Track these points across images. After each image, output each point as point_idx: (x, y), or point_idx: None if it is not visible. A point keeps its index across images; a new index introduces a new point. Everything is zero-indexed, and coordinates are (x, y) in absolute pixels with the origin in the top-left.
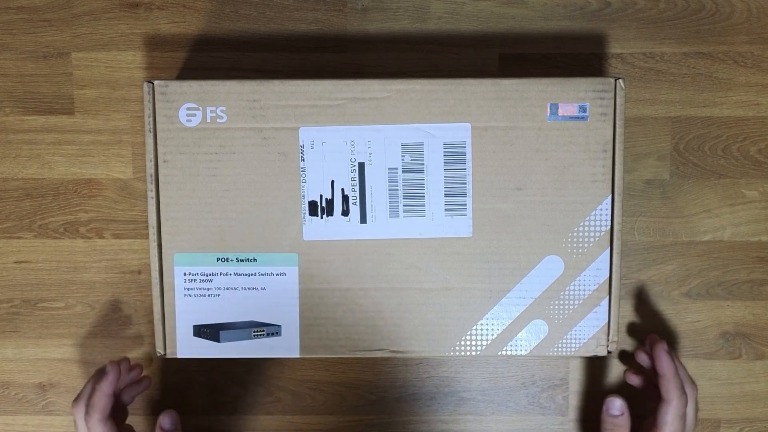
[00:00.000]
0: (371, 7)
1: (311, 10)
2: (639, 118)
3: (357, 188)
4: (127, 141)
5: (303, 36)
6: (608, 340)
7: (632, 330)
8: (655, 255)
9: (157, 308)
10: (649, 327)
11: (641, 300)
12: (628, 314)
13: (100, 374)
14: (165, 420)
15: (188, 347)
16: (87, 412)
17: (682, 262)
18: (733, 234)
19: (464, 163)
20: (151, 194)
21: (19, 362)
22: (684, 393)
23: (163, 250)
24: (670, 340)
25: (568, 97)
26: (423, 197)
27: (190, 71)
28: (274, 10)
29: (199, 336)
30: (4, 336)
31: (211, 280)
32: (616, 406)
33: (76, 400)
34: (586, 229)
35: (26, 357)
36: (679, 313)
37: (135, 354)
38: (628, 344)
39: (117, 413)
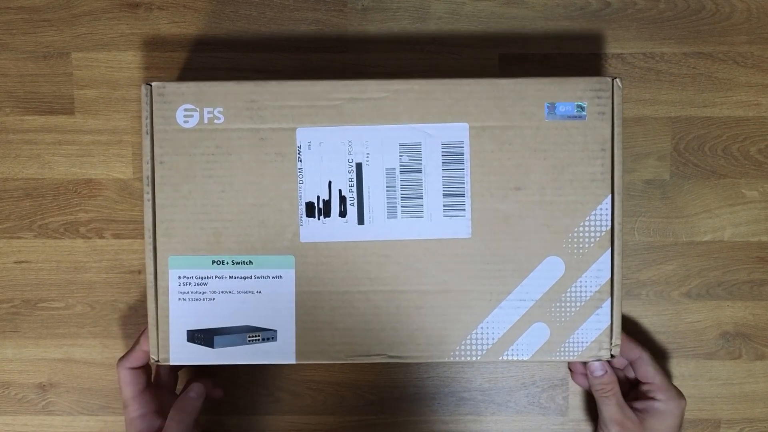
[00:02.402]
0: (371, 7)
1: (311, 10)
2: (639, 118)
3: (354, 189)
4: (127, 141)
5: (303, 36)
6: (611, 343)
7: (632, 330)
8: (655, 255)
9: (151, 313)
10: (649, 327)
11: (641, 300)
12: (628, 314)
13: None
14: (193, 388)
15: (182, 353)
16: (121, 358)
17: (682, 262)
18: (733, 234)
19: (462, 163)
20: (148, 196)
21: (19, 362)
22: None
23: (158, 253)
24: (670, 340)
25: (566, 96)
26: (421, 198)
27: (191, 71)
28: (274, 10)
29: (193, 341)
30: (4, 336)
31: (206, 284)
32: (598, 368)
33: None
34: (587, 229)
35: (26, 357)
36: (679, 313)
37: (135, 354)
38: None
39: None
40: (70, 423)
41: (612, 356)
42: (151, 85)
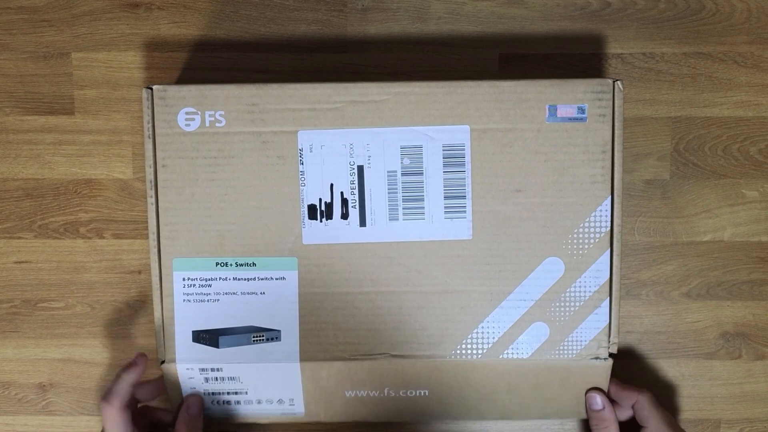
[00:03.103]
0: (371, 8)
1: (311, 10)
2: (639, 118)
3: (356, 191)
4: (127, 141)
5: (303, 36)
6: (609, 341)
7: (632, 330)
8: (655, 255)
9: (157, 314)
10: (649, 327)
11: (641, 300)
12: (629, 314)
13: (124, 366)
14: (191, 403)
15: (187, 353)
16: (106, 399)
17: (682, 262)
18: (733, 234)
19: (463, 165)
20: (151, 200)
21: (19, 362)
22: (642, 388)
23: (162, 255)
24: (670, 340)
25: (567, 98)
26: (422, 200)
27: (191, 71)
28: (274, 10)
29: (199, 341)
30: (4, 336)
31: (210, 285)
32: (597, 401)
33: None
34: (586, 230)
35: (26, 357)
36: (679, 313)
37: (121, 391)
38: (625, 345)
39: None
40: (70, 423)
41: (610, 355)
42: (152, 89)
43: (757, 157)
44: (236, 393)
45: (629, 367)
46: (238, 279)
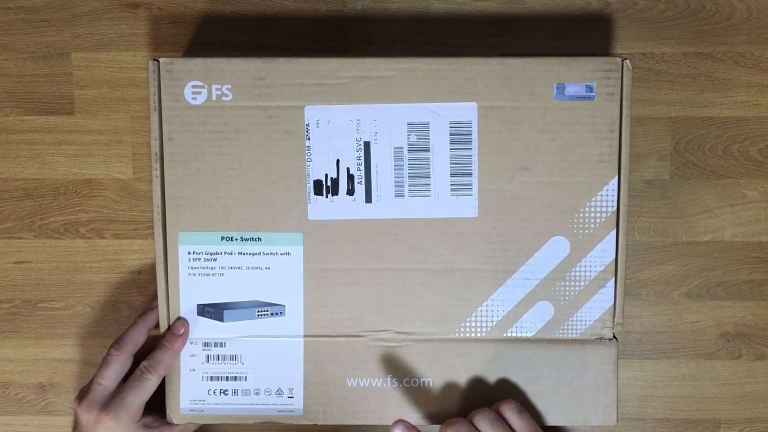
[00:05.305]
0: (371, 8)
1: (311, 10)
2: (639, 118)
3: (362, 167)
4: (127, 141)
5: (302, 36)
6: (614, 322)
7: (632, 330)
8: (655, 255)
9: (161, 287)
10: (649, 327)
11: (641, 300)
12: (629, 315)
13: (141, 313)
14: (177, 326)
15: (192, 327)
16: (119, 344)
17: (682, 262)
18: (733, 234)
19: (470, 142)
20: (156, 173)
21: (19, 362)
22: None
23: (167, 229)
24: (670, 340)
25: (575, 76)
26: (428, 177)
27: None
28: (273, 10)
29: (203, 315)
30: (4, 336)
31: (215, 259)
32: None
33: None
34: (593, 209)
35: (26, 357)
36: (679, 313)
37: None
38: (628, 346)
39: None
40: (70, 423)
41: (614, 335)
42: (158, 61)
43: (757, 157)
44: (235, 378)
45: (630, 367)
46: (244, 254)
